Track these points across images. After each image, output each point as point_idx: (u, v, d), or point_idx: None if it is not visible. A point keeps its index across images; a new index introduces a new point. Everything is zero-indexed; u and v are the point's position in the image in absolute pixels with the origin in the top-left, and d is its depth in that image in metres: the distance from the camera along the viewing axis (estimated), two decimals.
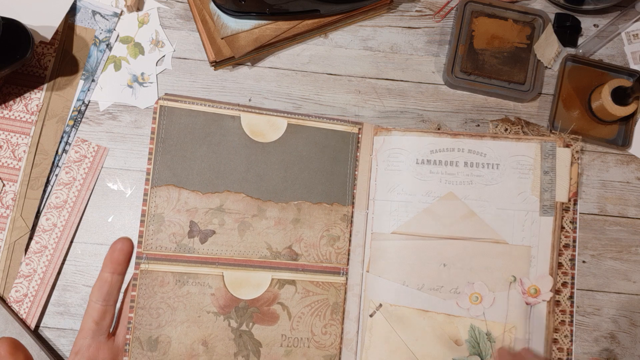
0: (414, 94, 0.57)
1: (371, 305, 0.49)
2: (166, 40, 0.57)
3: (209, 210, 0.48)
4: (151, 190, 0.47)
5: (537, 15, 0.57)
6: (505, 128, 0.54)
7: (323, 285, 0.49)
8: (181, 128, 0.47)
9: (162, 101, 0.47)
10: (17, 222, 0.52)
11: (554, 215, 0.50)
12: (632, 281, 0.55)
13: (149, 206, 0.47)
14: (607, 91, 0.54)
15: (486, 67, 0.56)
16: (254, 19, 0.54)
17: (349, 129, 0.51)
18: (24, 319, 0.51)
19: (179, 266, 0.47)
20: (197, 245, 0.47)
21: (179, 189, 0.47)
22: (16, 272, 0.52)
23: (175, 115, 0.47)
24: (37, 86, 0.54)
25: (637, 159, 0.56)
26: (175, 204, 0.47)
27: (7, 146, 0.54)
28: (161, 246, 0.47)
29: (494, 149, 0.51)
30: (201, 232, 0.47)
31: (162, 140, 0.47)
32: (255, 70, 0.57)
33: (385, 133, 0.51)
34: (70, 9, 0.55)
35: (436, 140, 0.51)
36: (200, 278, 0.47)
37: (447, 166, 0.51)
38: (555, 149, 0.51)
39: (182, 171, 0.47)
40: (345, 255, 0.50)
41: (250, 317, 0.48)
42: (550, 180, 0.50)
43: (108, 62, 0.56)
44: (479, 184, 0.50)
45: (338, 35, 0.58)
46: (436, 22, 0.59)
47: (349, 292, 0.50)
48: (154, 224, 0.47)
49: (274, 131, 0.49)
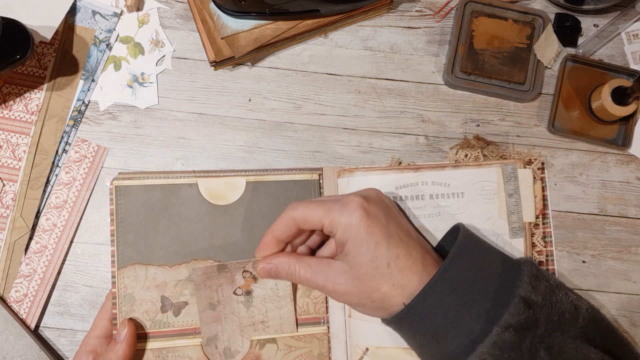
0: (414, 94, 0.57)
1: (358, 351, 0.48)
2: (166, 40, 0.57)
3: (178, 282, 0.47)
4: (118, 271, 0.47)
5: (537, 15, 0.57)
6: (466, 154, 0.54)
7: (305, 338, 0.48)
8: (139, 205, 0.48)
9: (117, 181, 0.48)
10: (17, 222, 0.52)
11: (523, 236, 0.50)
12: (632, 281, 0.55)
13: (118, 288, 0.47)
14: (607, 91, 0.54)
15: (486, 67, 0.56)
16: (254, 19, 0.54)
17: (308, 177, 0.50)
18: (24, 319, 0.51)
19: (157, 342, 0.47)
20: (172, 319, 0.47)
21: (146, 266, 0.47)
22: (16, 272, 0.52)
23: (131, 193, 0.48)
24: (37, 86, 0.54)
25: (637, 159, 0.56)
26: (144, 282, 0.47)
27: (7, 146, 0.54)
28: (136, 325, 0.46)
29: (456, 178, 0.50)
30: (173, 305, 0.47)
31: (122, 220, 0.47)
32: (255, 70, 0.57)
33: (348, 174, 0.51)
34: (70, 9, 0.55)
35: (399, 176, 0.50)
36: (179, 350, 0.47)
37: (414, 200, 0.50)
38: (516, 170, 0.50)
39: (146, 248, 0.47)
40: (323, 304, 0.49)
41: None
42: (516, 202, 0.50)
43: (108, 62, 0.56)
44: (447, 215, 0.50)
45: (338, 35, 0.58)
46: (436, 22, 0.59)
47: (333, 340, 0.49)
48: (126, 304, 0.47)
49: (233, 192, 0.49)
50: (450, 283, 0.40)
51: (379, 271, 0.41)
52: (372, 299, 0.42)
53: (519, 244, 0.50)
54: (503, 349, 0.38)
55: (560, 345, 0.38)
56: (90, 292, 0.53)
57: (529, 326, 0.39)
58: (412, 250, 0.42)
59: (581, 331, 0.40)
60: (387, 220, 0.42)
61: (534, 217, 0.50)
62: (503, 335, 0.38)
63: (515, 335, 0.38)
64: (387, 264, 0.41)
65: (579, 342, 0.39)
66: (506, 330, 0.38)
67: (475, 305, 0.40)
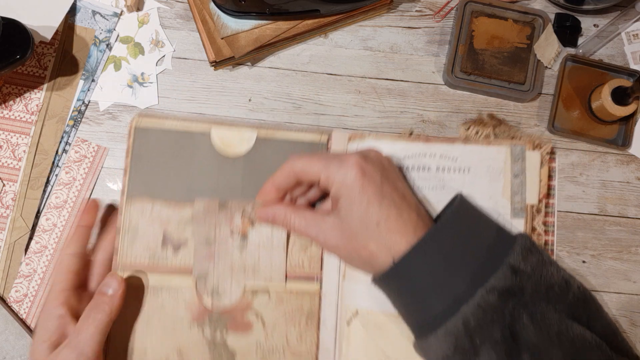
0: (414, 94, 0.57)
1: (348, 313, 0.49)
2: (166, 40, 0.57)
3: (181, 221, 0.48)
4: (126, 203, 0.48)
5: (537, 15, 0.57)
6: (477, 131, 0.54)
7: (296, 293, 0.49)
8: (154, 145, 0.49)
9: (137, 120, 0.48)
10: (17, 222, 0.52)
11: (524, 217, 0.50)
12: (632, 281, 0.55)
13: (123, 219, 0.47)
14: (607, 91, 0.54)
15: (486, 67, 0.56)
16: (254, 19, 0.54)
17: (317, 139, 0.50)
18: (24, 319, 0.51)
19: (153, 276, 0.47)
20: (170, 255, 0.48)
21: (152, 201, 0.48)
22: (16, 272, 0.52)
23: (149, 133, 0.49)
24: (37, 86, 0.54)
25: (637, 159, 0.56)
26: (149, 216, 0.48)
27: (7, 146, 0.54)
28: (136, 257, 0.47)
29: (464, 154, 0.51)
30: (174, 242, 0.48)
31: (136, 157, 0.48)
32: (255, 70, 0.57)
33: (359, 140, 0.51)
34: (70, 9, 0.55)
35: (409, 146, 0.51)
36: (174, 288, 0.47)
37: (419, 171, 0.50)
38: (525, 152, 0.51)
39: (155, 185, 0.48)
40: (318, 263, 0.49)
41: (224, 325, 0.48)
42: (521, 183, 0.50)
43: (108, 62, 0.56)
44: (450, 188, 0.50)
45: (338, 35, 0.58)
46: (436, 22, 0.59)
47: (324, 300, 0.49)
48: (129, 236, 0.47)
49: (243, 144, 0.50)
50: (439, 245, 0.41)
51: (368, 230, 0.42)
52: (360, 255, 0.43)
53: (520, 224, 0.50)
54: (486, 310, 0.38)
55: (544, 314, 0.39)
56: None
57: (514, 292, 0.39)
58: (404, 213, 0.42)
59: (569, 308, 0.40)
60: (382, 182, 0.43)
61: (536, 199, 0.51)
62: (487, 297, 0.38)
63: (498, 299, 0.38)
64: (376, 223, 0.42)
65: (564, 315, 0.39)
66: (490, 292, 0.38)
67: (462, 268, 0.40)
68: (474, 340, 0.38)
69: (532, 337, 0.38)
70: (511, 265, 0.39)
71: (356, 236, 0.42)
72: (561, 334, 0.38)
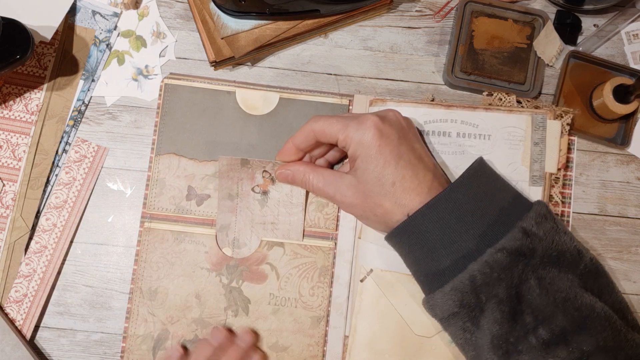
0: (414, 94, 0.57)
1: (362, 271, 0.50)
2: (167, 31, 0.56)
3: (205, 176, 0.52)
4: (155, 157, 0.52)
5: (537, 15, 0.57)
6: (500, 98, 0.54)
7: (311, 249, 0.52)
8: (182, 103, 0.53)
9: (167, 80, 0.53)
10: (17, 222, 0.52)
11: (542, 185, 0.50)
12: (632, 281, 0.55)
13: (152, 172, 0.52)
14: (609, 89, 0.54)
15: (486, 67, 0.56)
16: (254, 19, 0.54)
17: (338, 101, 0.53)
18: (23, 318, 0.51)
19: (177, 225, 0.52)
20: (194, 208, 0.52)
21: (179, 157, 0.52)
22: (16, 272, 0.52)
23: (177, 92, 0.53)
24: (37, 86, 0.54)
25: (637, 158, 0.56)
26: (175, 171, 0.52)
27: (7, 146, 0.54)
28: (162, 207, 0.52)
29: (486, 120, 0.51)
30: (197, 196, 0.52)
31: (166, 114, 0.53)
32: (255, 70, 0.57)
33: (381, 103, 0.52)
34: (70, 9, 0.55)
35: (430, 111, 0.52)
36: (196, 237, 0.52)
37: (440, 136, 0.51)
38: (546, 120, 0.51)
39: (182, 142, 0.53)
40: (333, 221, 0.52)
41: (240, 274, 0.51)
42: (540, 151, 0.51)
43: (111, 56, 0.56)
44: (471, 154, 0.51)
45: (338, 35, 0.58)
46: (436, 22, 0.59)
47: (339, 257, 0.51)
48: (157, 187, 0.52)
49: (267, 105, 0.53)
50: (453, 204, 0.41)
51: (384, 189, 0.43)
52: (375, 214, 0.44)
53: (537, 192, 0.51)
54: (493, 267, 0.38)
55: (553, 279, 0.39)
56: (90, 292, 0.53)
57: (524, 253, 0.39)
58: (419, 173, 0.43)
59: (579, 277, 0.40)
60: (400, 142, 0.44)
61: (555, 168, 0.51)
62: (495, 255, 0.39)
63: (507, 257, 0.39)
64: (392, 182, 0.43)
65: (574, 283, 0.39)
66: (499, 251, 0.39)
67: (474, 227, 0.41)
68: (479, 297, 0.39)
69: (537, 300, 0.38)
70: (523, 228, 0.40)
71: (372, 195, 0.43)
72: (568, 300, 0.38)
